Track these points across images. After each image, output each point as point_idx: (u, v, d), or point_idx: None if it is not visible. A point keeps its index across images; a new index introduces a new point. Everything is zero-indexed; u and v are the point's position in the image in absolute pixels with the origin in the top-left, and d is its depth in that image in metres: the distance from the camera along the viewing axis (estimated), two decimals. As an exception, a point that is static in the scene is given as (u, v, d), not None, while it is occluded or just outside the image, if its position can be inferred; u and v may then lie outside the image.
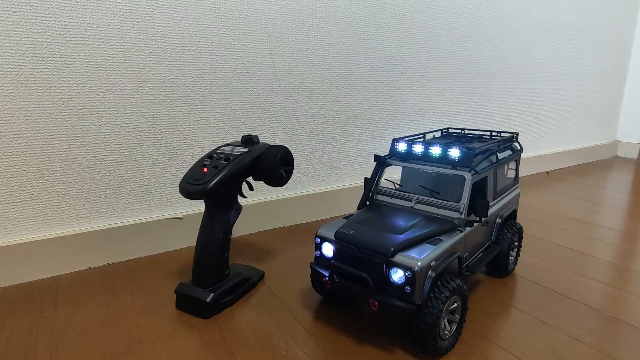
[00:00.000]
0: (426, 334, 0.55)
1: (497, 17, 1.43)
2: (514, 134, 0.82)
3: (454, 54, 1.34)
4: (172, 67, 0.87)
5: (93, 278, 0.81)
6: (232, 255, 0.92)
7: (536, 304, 0.72)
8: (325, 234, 0.64)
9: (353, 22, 1.09)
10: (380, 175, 0.73)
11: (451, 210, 0.64)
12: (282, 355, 0.58)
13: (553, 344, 0.61)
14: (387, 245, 0.56)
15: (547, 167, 1.81)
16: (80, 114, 0.80)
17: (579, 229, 1.10)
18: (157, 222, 0.91)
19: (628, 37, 2.04)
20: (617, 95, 2.11)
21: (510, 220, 0.81)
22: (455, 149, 0.65)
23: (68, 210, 0.82)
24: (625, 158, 2.15)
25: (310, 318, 0.68)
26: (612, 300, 0.74)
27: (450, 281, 0.57)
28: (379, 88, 1.19)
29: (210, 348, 0.60)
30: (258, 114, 1.00)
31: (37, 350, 0.59)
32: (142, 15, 0.81)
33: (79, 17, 0.76)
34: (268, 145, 0.73)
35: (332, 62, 1.08)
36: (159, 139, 0.89)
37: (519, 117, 1.64)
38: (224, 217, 0.70)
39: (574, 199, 1.39)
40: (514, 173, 0.84)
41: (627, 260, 0.91)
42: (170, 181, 0.92)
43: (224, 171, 0.66)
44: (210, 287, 0.69)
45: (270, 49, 0.98)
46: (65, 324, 0.66)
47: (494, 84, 1.51)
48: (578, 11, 1.71)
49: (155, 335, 0.63)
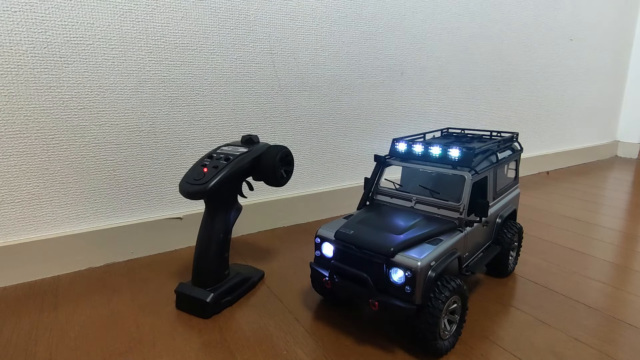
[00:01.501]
0: (426, 334, 0.55)
1: (497, 17, 1.43)
2: (514, 134, 0.82)
3: (454, 54, 1.34)
4: (172, 67, 0.87)
5: (93, 278, 0.81)
6: (232, 255, 0.92)
7: (536, 304, 0.72)
8: (325, 234, 0.64)
9: (353, 22, 1.09)
10: (380, 175, 0.73)
11: (451, 210, 0.64)
12: (282, 355, 0.58)
13: (553, 344, 0.61)
14: (387, 245, 0.56)
15: (547, 167, 1.81)
16: (80, 114, 0.80)
17: (579, 229, 1.10)
18: (157, 222, 0.91)
19: (628, 37, 2.04)
20: (617, 95, 2.11)
21: (510, 220, 0.81)
22: (455, 149, 0.65)
23: (68, 210, 0.82)
24: (625, 158, 2.15)
25: (310, 318, 0.68)
26: (612, 300, 0.74)
27: (450, 281, 0.57)
28: (379, 88, 1.19)
29: (210, 348, 0.60)
30: (258, 114, 1.00)
31: (37, 350, 0.59)
32: (142, 15, 0.81)
33: (79, 17, 0.76)
34: (268, 145, 0.73)
35: (332, 62, 1.08)
36: (159, 139, 0.89)
37: (519, 117, 1.64)
38: (224, 217, 0.70)
39: (574, 199, 1.39)
40: (514, 173, 0.84)
41: (627, 260, 0.91)
42: (170, 181, 0.92)
43: (224, 171, 0.66)
44: (210, 287, 0.69)
45: (270, 49, 0.98)
46: (65, 324, 0.66)
47: (494, 84, 1.51)
48: (578, 11, 1.71)
49: (155, 335, 0.63)
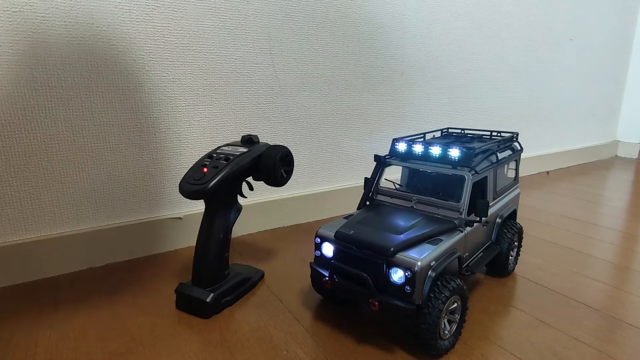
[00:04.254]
0: (426, 334, 0.55)
1: (497, 17, 1.43)
2: (514, 133, 0.82)
3: (454, 54, 1.34)
4: (172, 67, 0.87)
5: (93, 278, 0.81)
6: (232, 255, 0.92)
7: (536, 304, 0.72)
8: (325, 234, 0.64)
9: (353, 22, 1.09)
10: (380, 175, 0.73)
11: (451, 210, 0.64)
12: (282, 355, 0.58)
13: (553, 344, 0.61)
14: (387, 245, 0.56)
15: (547, 167, 1.81)
16: (80, 114, 0.80)
17: (579, 229, 1.10)
18: (157, 222, 0.91)
19: (628, 37, 2.04)
20: (617, 95, 2.11)
21: (510, 220, 0.81)
22: (455, 149, 0.65)
23: (68, 210, 0.82)
24: (625, 158, 2.15)
25: (310, 318, 0.68)
26: (612, 300, 0.74)
27: (450, 281, 0.57)
28: (379, 88, 1.19)
29: (210, 348, 0.60)
30: (258, 114, 1.00)
31: (37, 350, 0.59)
32: (142, 15, 0.81)
33: (79, 17, 0.76)
34: (268, 145, 0.73)
35: (332, 62, 1.08)
36: (159, 139, 0.89)
37: (519, 117, 1.64)
38: (224, 217, 0.70)
39: (574, 199, 1.39)
40: (514, 173, 0.84)
41: (627, 260, 0.91)
42: (170, 181, 0.92)
43: (224, 171, 0.66)
44: (210, 287, 0.69)
45: (270, 49, 0.98)
46: (65, 324, 0.66)
47: (494, 84, 1.51)
48: (578, 11, 1.71)
49: (155, 335, 0.63)
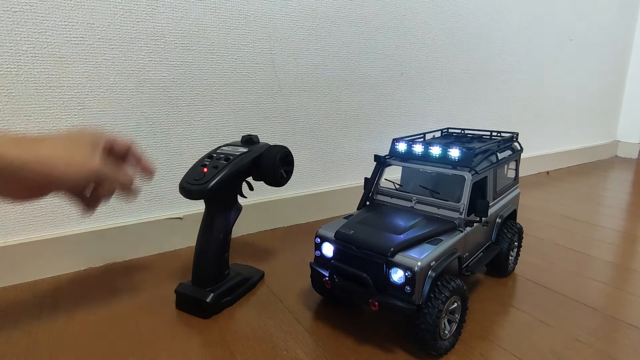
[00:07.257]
0: (426, 334, 0.55)
1: (497, 17, 1.43)
2: (514, 134, 0.82)
3: (454, 54, 1.34)
4: (172, 67, 0.87)
5: (93, 278, 0.81)
6: (232, 255, 0.92)
7: (536, 304, 0.72)
8: (325, 234, 0.64)
9: (353, 22, 1.09)
10: (380, 175, 0.73)
11: (451, 210, 0.64)
12: (282, 355, 0.58)
13: (553, 344, 0.61)
14: (387, 245, 0.56)
15: (547, 167, 1.81)
16: (80, 114, 0.79)
17: (579, 229, 1.10)
18: (157, 222, 0.91)
19: (628, 37, 2.04)
20: (617, 95, 2.11)
21: (510, 220, 0.81)
22: (455, 149, 0.65)
23: (68, 210, 0.82)
24: (625, 158, 2.15)
25: (310, 318, 0.68)
26: (612, 300, 0.74)
27: (450, 281, 0.57)
28: (379, 88, 1.19)
29: (210, 348, 0.60)
30: (258, 114, 1.00)
31: (37, 350, 0.59)
32: (142, 15, 0.81)
33: (79, 17, 0.76)
34: (268, 145, 0.73)
35: (332, 62, 1.08)
36: (159, 139, 0.89)
37: (519, 117, 1.64)
38: (224, 217, 0.70)
39: (574, 199, 1.39)
40: (514, 173, 0.84)
41: (627, 260, 0.91)
42: (170, 181, 0.92)
43: (224, 171, 0.66)
44: (210, 287, 0.69)
45: (270, 49, 0.98)
46: (65, 324, 0.66)
47: (494, 84, 1.51)
48: (578, 11, 1.71)
49: (155, 335, 0.63)
